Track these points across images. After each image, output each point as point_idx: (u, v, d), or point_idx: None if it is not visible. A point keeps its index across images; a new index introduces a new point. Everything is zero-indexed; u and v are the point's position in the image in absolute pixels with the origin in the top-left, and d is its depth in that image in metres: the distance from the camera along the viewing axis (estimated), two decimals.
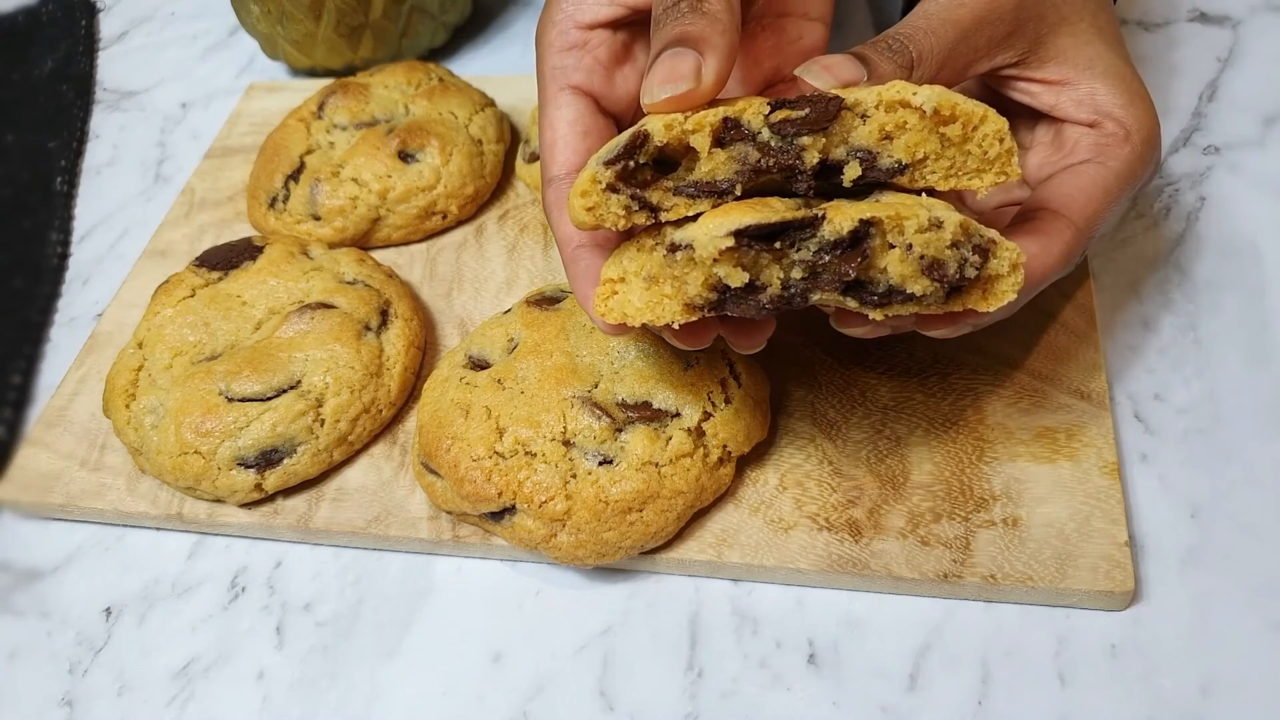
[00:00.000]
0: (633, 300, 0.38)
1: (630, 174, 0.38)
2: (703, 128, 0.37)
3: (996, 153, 0.38)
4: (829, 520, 0.47)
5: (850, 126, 0.38)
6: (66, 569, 0.53)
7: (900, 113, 0.37)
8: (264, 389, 0.52)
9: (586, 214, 0.38)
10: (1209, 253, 0.56)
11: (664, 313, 0.37)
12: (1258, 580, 0.45)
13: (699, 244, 0.36)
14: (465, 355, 0.53)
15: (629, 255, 0.39)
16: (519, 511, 0.46)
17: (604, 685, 0.45)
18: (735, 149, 0.38)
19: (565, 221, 0.41)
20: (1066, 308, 0.53)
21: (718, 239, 0.35)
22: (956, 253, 0.36)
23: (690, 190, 0.38)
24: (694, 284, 0.36)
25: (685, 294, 0.37)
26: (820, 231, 0.35)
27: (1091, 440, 0.48)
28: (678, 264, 0.37)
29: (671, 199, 0.38)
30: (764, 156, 0.37)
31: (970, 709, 0.43)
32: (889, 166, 0.38)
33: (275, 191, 0.64)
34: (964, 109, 0.37)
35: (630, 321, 0.38)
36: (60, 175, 0.75)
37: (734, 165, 0.38)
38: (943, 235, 0.36)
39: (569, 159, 0.42)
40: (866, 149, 0.38)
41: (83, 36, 0.87)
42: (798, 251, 0.36)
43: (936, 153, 0.38)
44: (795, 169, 0.38)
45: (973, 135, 0.38)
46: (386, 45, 0.77)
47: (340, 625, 0.49)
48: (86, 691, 0.48)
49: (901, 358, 0.53)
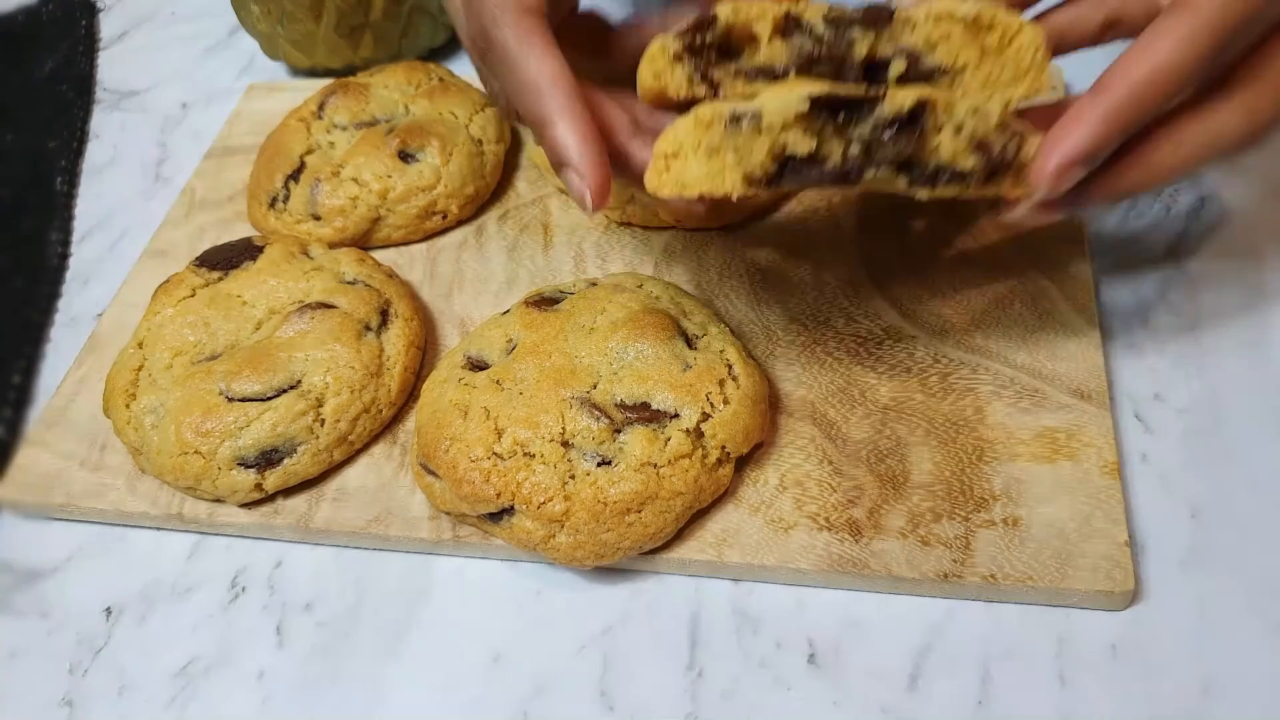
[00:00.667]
0: (692, 170, 0.40)
1: (695, 49, 0.41)
2: (766, 16, 0.40)
3: (1030, 63, 0.40)
4: (829, 520, 0.47)
5: (900, 32, 0.40)
6: (67, 569, 0.53)
7: (946, 23, 0.40)
8: (264, 389, 0.52)
9: (653, 79, 0.41)
10: (1209, 253, 0.56)
11: (724, 182, 0.40)
12: (1258, 580, 0.45)
13: (769, 110, 0.38)
14: (464, 356, 0.53)
15: (683, 129, 0.40)
16: (517, 512, 0.46)
17: (604, 685, 0.45)
18: (792, 41, 0.41)
19: (550, 60, 0.41)
20: (1066, 308, 0.53)
21: (793, 103, 0.38)
22: (1000, 135, 0.38)
23: (750, 73, 0.41)
24: (759, 152, 0.39)
25: (748, 163, 0.39)
26: (881, 108, 0.38)
27: (1092, 440, 0.48)
28: (742, 134, 0.39)
29: (731, 80, 0.41)
30: (817, 46, 0.41)
31: (970, 709, 0.43)
32: (931, 67, 0.41)
33: (275, 191, 0.64)
34: (1002, 19, 0.39)
35: (687, 192, 0.40)
36: (60, 175, 0.75)
37: (790, 54, 0.41)
38: (990, 117, 0.38)
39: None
40: (911, 48, 0.40)
41: (83, 36, 0.87)
42: (858, 127, 0.38)
43: (975, 62, 0.40)
44: (845, 62, 0.41)
45: (1009, 45, 0.40)
46: (386, 45, 0.77)
47: (340, 625, 0.49)
48: (87, 691, 0.48)
49: (901, 358, 0.53)
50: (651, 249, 0.61)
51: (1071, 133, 0.38)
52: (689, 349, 0.50)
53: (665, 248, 0.61)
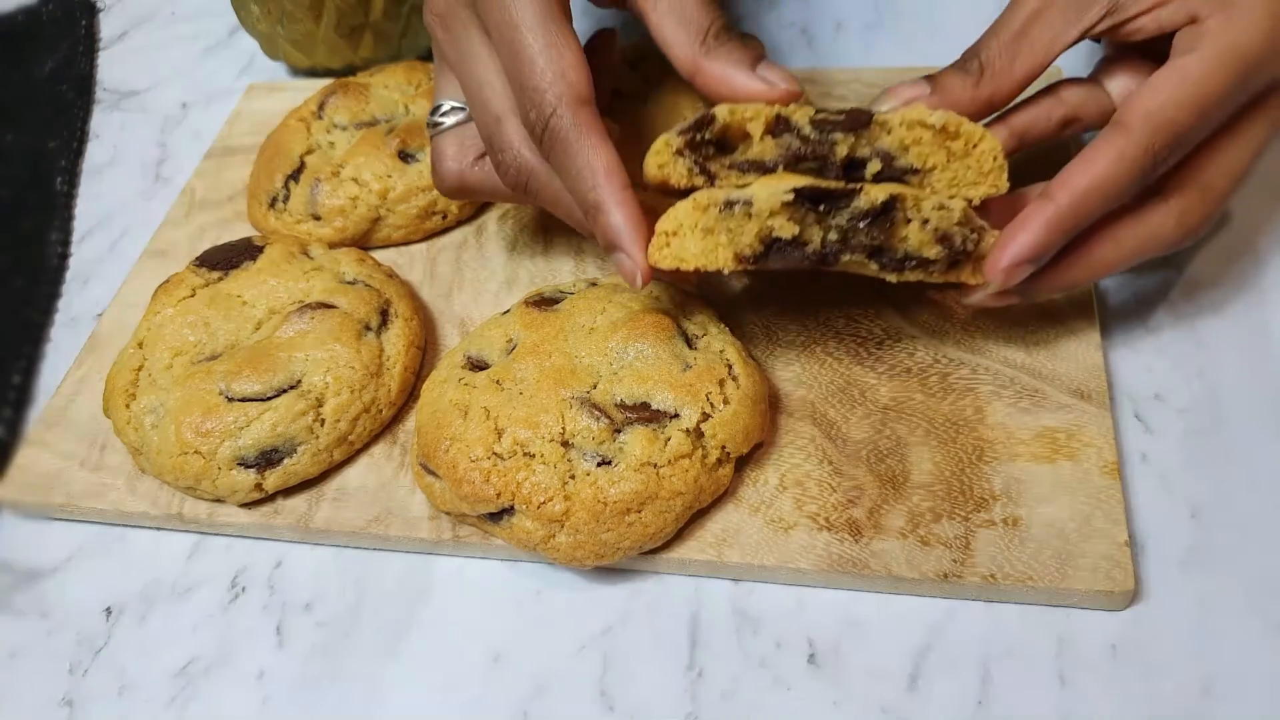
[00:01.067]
0: (689, 248, 0.45)
1: (695, 145, 0.46)
2: (759, 117, 0.45)
3: (990, 167, 0.45)
4: (829, 520, 0.47)
5: (876, 136, 0.45)
6: (67, 569, 0.53)
7: (917, 129, 0.45)
8: (264, 389, 0.52)
9: (658, 170, 0.46)
10: (1209, 253, 0.56)
11: (717, 259, 0.44)
12: (1258, 580, 0.45)
13: (759, 199, 0.43)
14: (464, 356, 0.53)
15: (683, 212, 0.45)
16: (517, 512, 0.46)
17: (604, 685, 0.45)
18: (782, 139, 0.46)
19: (606, 152, 0.44)
20: (1066, 308, 0.53)
21: (780, 193, 0.43)
22: (961, 229, 0.43)
23: (743, 165, 0.46)
24: (748, 234, 0.43)
25: (739, 243, 0.44)
26: (857, 201, 0.43)
27: (1092, 440, 0.48)
28: (734, 218, 0.44)
29: (725, 170, 0.46)
30: (804, 145, 0.46)
31: (970, 709, 0.43)
32: (903, 167, 0.45)
33: (275, 191, 0.64)
34: (967, 129, 0.44)
35: (684, 266, 0.45)
36: (60, 175, 0.75)
37: (779, 150, 0.46)
38: (952, 213, 0.43)
39: (583, 76, 0.45)
40: (886, 150, 0.45)
41: (83, 36, 0.87)
42: (836, 217, 0.43)
43: (942, 164, 0.45)
44: (827, 160, 0.46)
45: (972, 151, 0.45)
46: (386, 45, 0.77)
47: (340, 625, 0.49)
48: (87, 691, 0.48)
49: (901, 358, 0.53)
50: None
51: (1020, 235, 0.43)
52: (689, 349, 0.50)
53: None
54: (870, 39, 0.75)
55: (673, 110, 0.61)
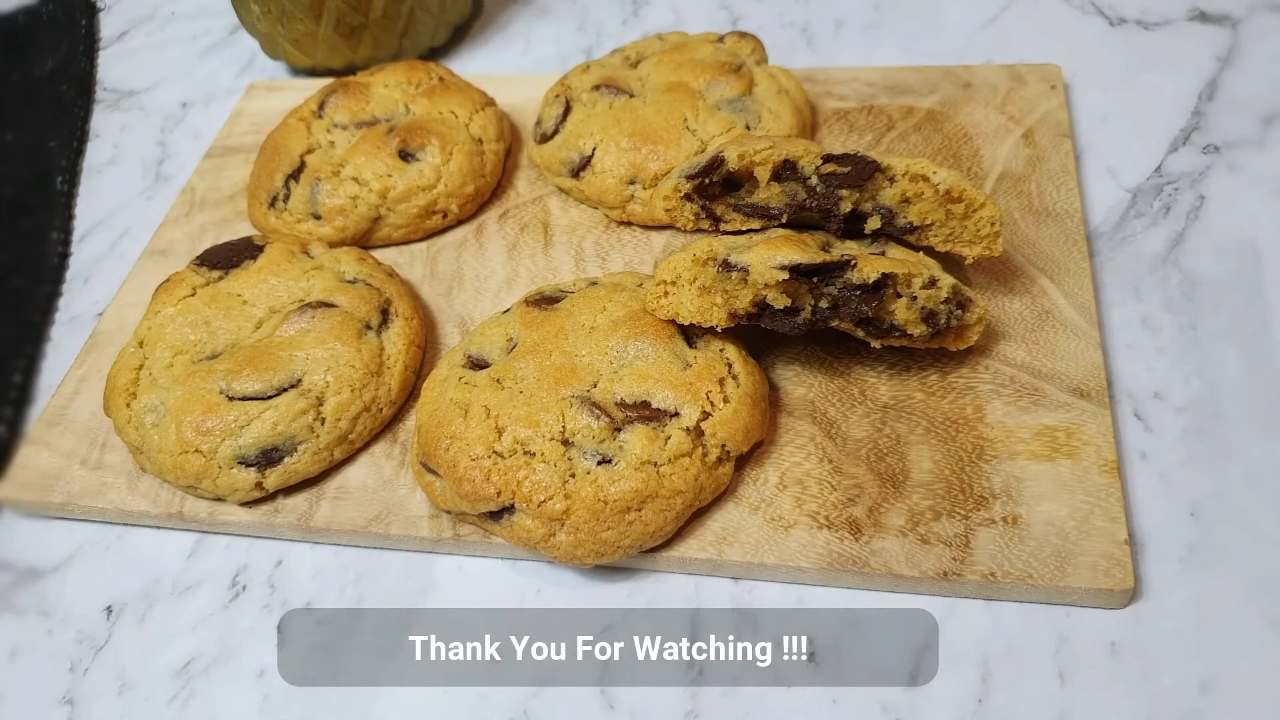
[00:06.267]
0: (686, 304, 0.48)
1: (704, 189, 0.50)
2: (766, 163, 0.48)
3: (987, 233, 0.49)
4: (829, 518, 0.47)
5: (880, 186, 0.48)
6: (67, 568, 0.53)
7: (920, 184, 0.48)
8: (264, 388, 0.52)
9: (665, 213, 0.51)
10: (1209, 252, 0.56)
11: (711, 318, 0.48)
12: (1258, 578, 0.45)
13: (755, 270, 0.46)
14: (464, 355, 0.53)
15: (682, 264, 0.47)
16: (518, 511, 0.46)
17: (604, 684, 0.45)
18: (788, 186, 0.49)
19: None
20: (1066, 307, 0.53)
21: (773, 270, 0.45)
22: (946, 307, 0.47)
23: (747, 209, 0.50)
24: (743, 300, 0.47)
25: (733, 306, 0.47)
26: (849, 275, 0.45)
27: (1091, 439, 0.48)
28: (730, 281, 0.46)
29: (731, 213, 0.50)
30: (809, 198, 0.49)
31: (970, 707, 0.43)
32: (902, 225, 0.49)
33: (276, 190, 0.64)
34: (970, 194, 0.48)
35: (680, 320, 0.48)
36: (60, 175, 0.75)
37: (785, 198, 0.49)
38: (940, 292, 0.46)
39: None
40: (888, 207, 0.49)
41: (83, 36, 0.87)
42: (829, 287, 0.46)
43: (941, 221, 0.49)
44: (831, 212, 0.49)
45: (972, 215, 0.49)
46: (387, 44, 0.77)
47: (340, 624, 0.49)
48: (87, 690, 0.48)
49: (901, 357, 0.53)
50: (651, 248, 0.61)
51: None
52: (689, 348, 0.50)
53: (665, 247, 0.61)
54: (870, 39, 0.75)
55: (671, 110, 0.61)
